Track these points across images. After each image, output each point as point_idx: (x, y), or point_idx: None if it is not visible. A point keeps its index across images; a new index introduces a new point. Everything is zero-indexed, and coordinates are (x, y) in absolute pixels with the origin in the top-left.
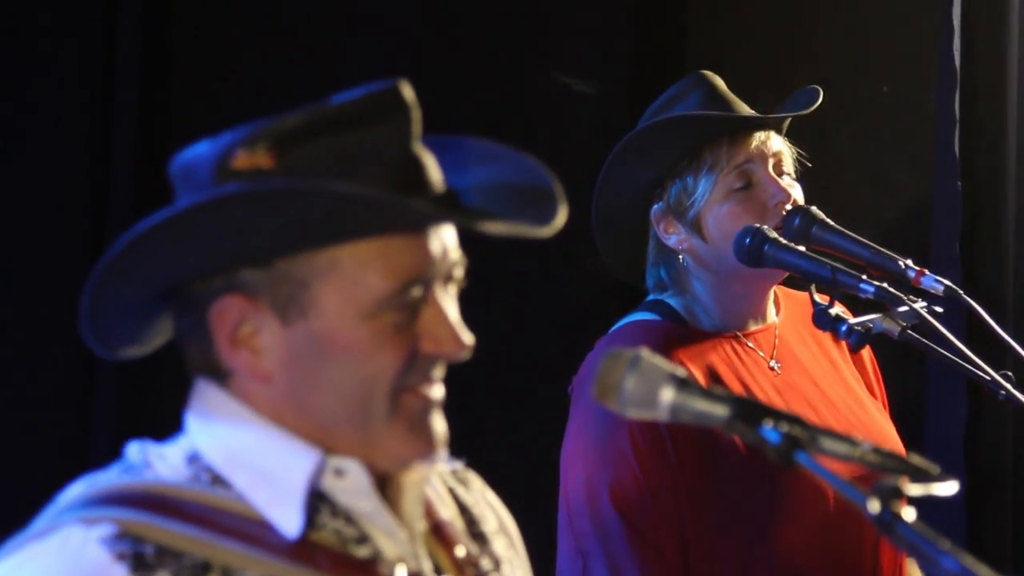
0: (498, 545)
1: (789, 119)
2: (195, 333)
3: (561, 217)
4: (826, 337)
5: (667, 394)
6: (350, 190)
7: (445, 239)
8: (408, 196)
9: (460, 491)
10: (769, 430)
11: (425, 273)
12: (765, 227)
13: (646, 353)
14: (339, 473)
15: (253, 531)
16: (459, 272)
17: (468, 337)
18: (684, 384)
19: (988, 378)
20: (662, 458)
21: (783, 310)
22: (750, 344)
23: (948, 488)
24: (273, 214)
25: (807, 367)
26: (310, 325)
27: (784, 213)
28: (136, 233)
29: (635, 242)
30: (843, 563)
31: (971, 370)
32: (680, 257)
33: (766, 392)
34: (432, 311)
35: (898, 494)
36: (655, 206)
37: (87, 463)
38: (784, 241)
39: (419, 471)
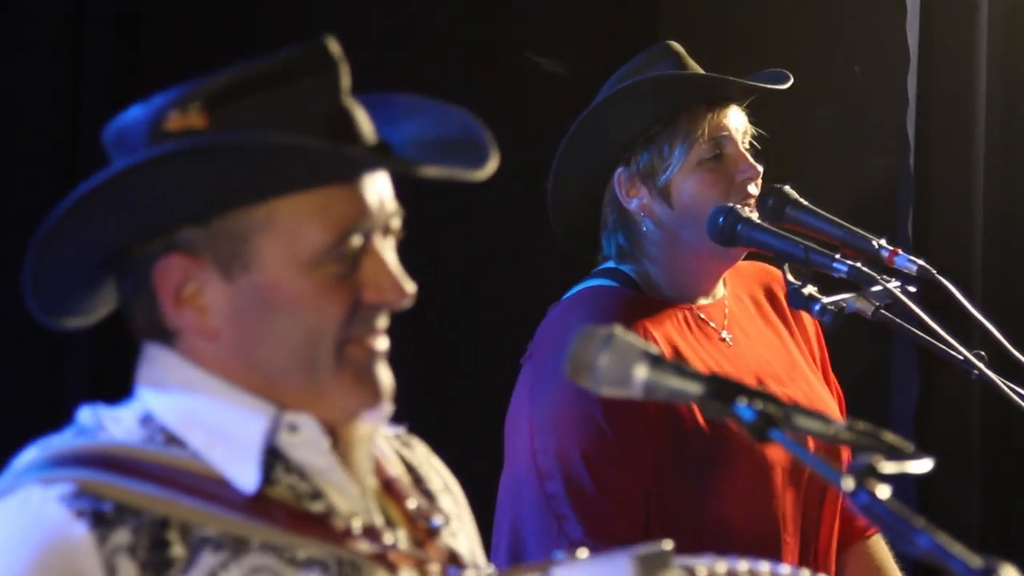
0: (445, 502)
1: (751, 97)
2: (139, 296)
3: (493, 162)
4: (766, 305)
5: (641, 372)
6: (284, 141)
7: (381, 190)
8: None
9: (405, 452)
10: (743, 408)
11: (363, 223)
12: (739, 206)
13: (619, 330)
14: (293, 429)
15: (210, 488)
16: (396, 223)
17: (409, 285)
18: (658, 361)
19: (961, 358)
20: (632, 420)
21: (728, 283)
22: (702, 316)
23: (922, 466)
24: (208, 171)
25: (754, 340)
26: (253, 279)
27: (749, 191)
28: (74, 198)
29: (590, 209)
30: (784, 525)
31: (944, 349)
32: (641, 223)
33: (720, 365)
34: (372, 261)
35: (873, 472)
36: (620, 170)
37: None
38: (757, 220)
39: (367, 426)
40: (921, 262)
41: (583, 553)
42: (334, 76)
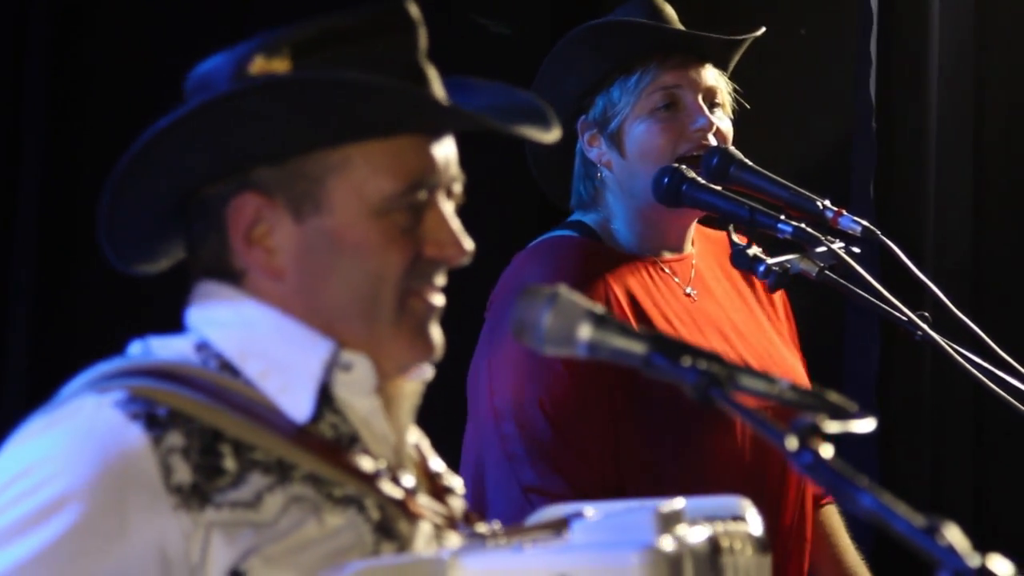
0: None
1: (736, 55)
2: (209, 235)
3: (557, 130)
4: (738, 278)
5: (584, 331)
6: (369, 80)
7: (448, 151)
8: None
9: None
10: (686, 368)
11: (430, 178)
12: (683, 167)
13: (563, 290)
14: (346, 368)
15: (260, 412)
16: (458, 188)
17: (468, 243)
18: (602, 321)
19: (905, 319)
20: (592, 367)
21: (698, 246)
22: (666, 270)
23: (865, 425)
24: (290, 109)
25: (719, 300)
26: (322, 222)
27: (704, 143)
28: (157, 129)
29: (564, 155)
30: (755, 479)
31: (888, 311)
32: (599, 172)
33: (680, 318)
34: (435, 216)
35: (816, 431)
36: (581, 117)
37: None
38: (702, 181)
39: (413, 383)
40: (865, 223)
41: (591, 511)
42: (413, 36)
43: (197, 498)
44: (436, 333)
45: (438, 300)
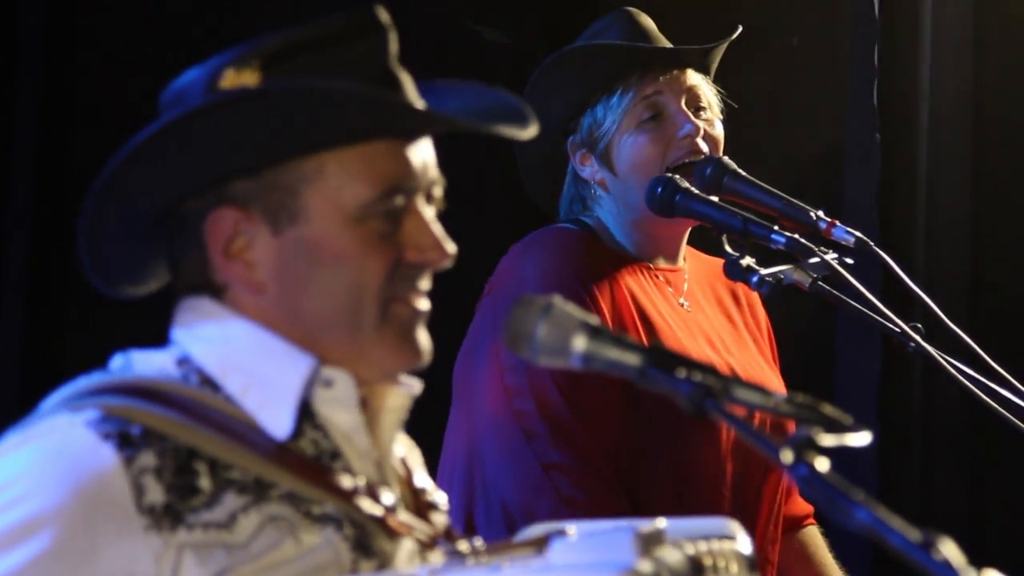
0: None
1: (716, 58)
2: (190, 251)
3: (534, 126)
4: (728, 300)
5: (579, 342)
6: (333, 86)
7: (425, 154)
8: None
9: None
10: (681, 380)
11: (406, 183)
12: (677, 177)
13: (558, 300)
14: (327, 384)
15: (238, 429)
16: (438, 191)
17: (450, 246)
18: (597, 332)
19: (897, 330)
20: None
21: (690, 264)
22: (660, 278)
23: (861, 439)
24: (259, 119)
25: (709, 315)
26: (299, 232)
27: (694, 148)
28: (131, 146)
29: (556, 176)
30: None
31: (880, 321)
32: (592, 189)
33: (674, 326)
34: (414, 221)
35: (811, 444)
36: (570, 139)
37: None
38: (695, 191)
39: (398, 397)
40: (858, 234)
41: (572, 530)
42: (383, 41)
43: (169, 519)
44: (423, 337)
45: (423, 305)
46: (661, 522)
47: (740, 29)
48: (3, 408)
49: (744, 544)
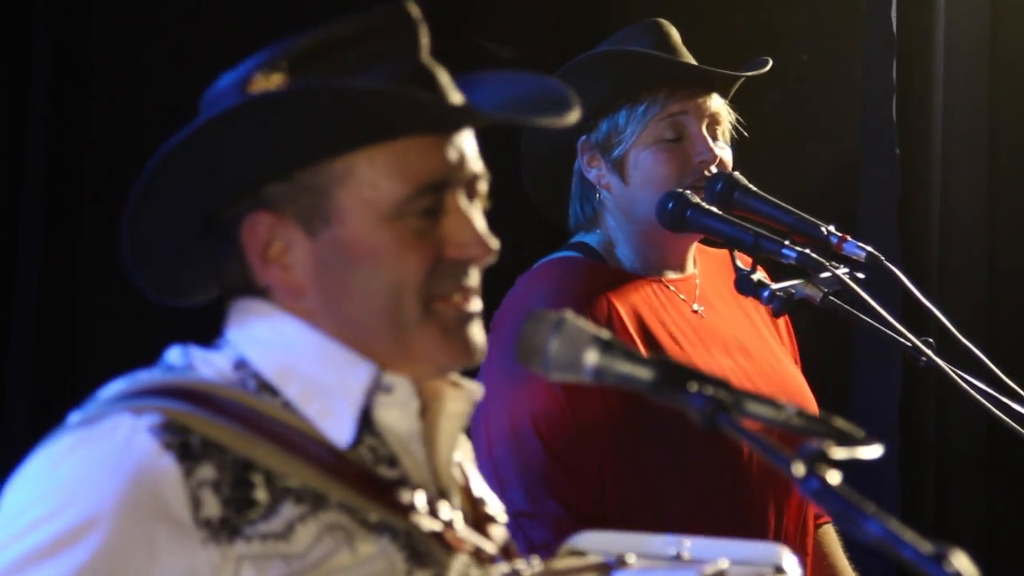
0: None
1: (737, 83)
2: (230, 258)
3: (575, 112)
4: (743, 297)
5: (591, 357)
6: (357, 85)
7: (462, 147)
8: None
9: None
10: (693, 394)
11: (441, 177)
12: (688, 192)
13: (570, 315)
14: (387, 389)
15: (295, 439)
16: (482, 186)
17: (493, 242)
18: (609, 346)
19: (909, 344)
20: (593, 391)
21: (700, 265)
22: (671, 288)
23: (872, 452)
24: (286, 122)
25: (725, 317)
26: (334, 233)
27: (707, 174)
28: (163, 152)
29: (561, 177)
30: (750, 511)
31: (892, 336)
32: (599, 192)
33: (687, 336)
34: (453, 217)
35: (823, 458)
36: (582, 138)
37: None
38: (707, 206)
39: (459, 404)
40: (870, 249)
41: (632, 559)
42: (414, 36)
43: (226, 532)
44: (474, 334)
45: (472, 305)
46: (724, 563)
47: (770, 63)
48: (14, 406)
49: (794, 574)
